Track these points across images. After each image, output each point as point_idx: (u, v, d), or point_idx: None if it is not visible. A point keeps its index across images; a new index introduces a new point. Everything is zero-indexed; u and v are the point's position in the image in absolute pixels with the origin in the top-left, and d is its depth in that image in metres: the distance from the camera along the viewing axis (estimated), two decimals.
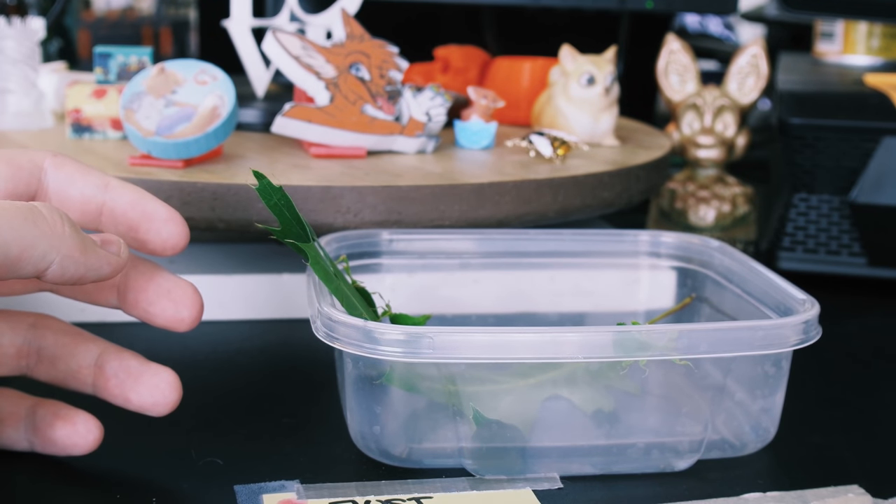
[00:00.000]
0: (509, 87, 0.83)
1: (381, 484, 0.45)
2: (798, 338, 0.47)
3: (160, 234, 0.45)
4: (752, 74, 0.87)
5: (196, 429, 0.51)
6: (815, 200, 0.77)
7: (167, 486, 0.45)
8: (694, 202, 0.86)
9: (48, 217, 0.38)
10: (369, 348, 0.44)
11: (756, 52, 0.87)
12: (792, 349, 0.47)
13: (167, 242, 0.46)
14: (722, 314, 0.57)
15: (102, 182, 0.45)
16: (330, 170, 0.64)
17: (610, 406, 0.48)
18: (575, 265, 0.62)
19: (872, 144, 0.75)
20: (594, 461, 0.48)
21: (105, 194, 0.45)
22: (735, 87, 0.88)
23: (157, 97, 0.64)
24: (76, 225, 0.40)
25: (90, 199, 0.45)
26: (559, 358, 0.45)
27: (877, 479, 0.48)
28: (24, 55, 0.73)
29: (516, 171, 0.66)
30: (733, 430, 0.50)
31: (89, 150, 0.67)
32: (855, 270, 0.76)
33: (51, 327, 0.47)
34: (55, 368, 0.46)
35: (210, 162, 0.65)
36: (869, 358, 0.65)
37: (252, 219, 0.60)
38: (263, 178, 0.47)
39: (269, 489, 0.44)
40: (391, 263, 0.59)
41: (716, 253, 0.59)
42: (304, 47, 0.68)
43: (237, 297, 0.66)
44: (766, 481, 0.47)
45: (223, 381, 0.56)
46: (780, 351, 0.47)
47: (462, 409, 0.46)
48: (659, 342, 0.45)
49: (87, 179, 0.45)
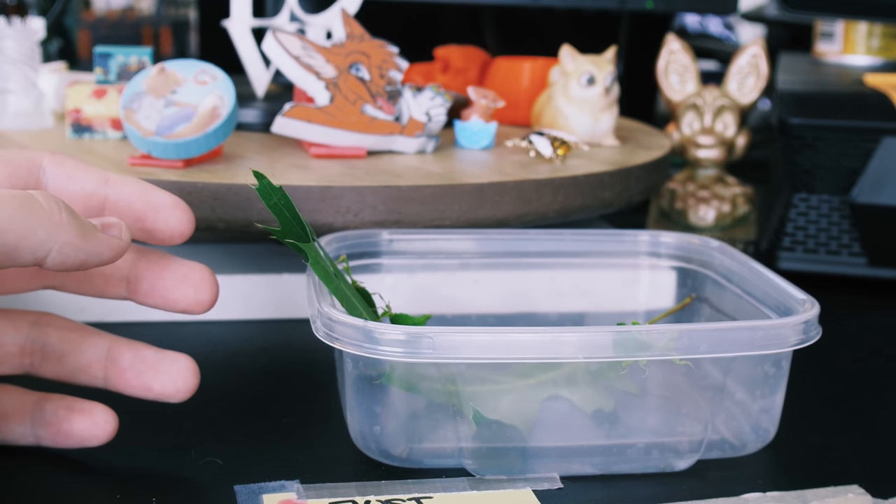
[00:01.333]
0: (509, 87, 0.83)
1: (381, 484, 0.45)
2: (798, 338, 0.47)
3: (168, 222, 0.46)
4: (752, 74, 0.87)
5: (196, 429, 0.51)
6: (815, 200, 0.77)
7: (167, 486, 0.45)
8: (694, 202, 0.86)
9: (45, 205, 0.39)
10: (369, 348, 0.44)
11: (756, 52, 0.87)
12: (792, 349, 0.47)
13: (175, 230, 0.46)
14: (722, 314, 0.57)
15: (102, 177, 0.45)
16: (330, 170, 0.64)
17: (610, 406, 0.48)
18: (575, 265, 0.62)
19: (872, 144, 0.75)
20: (594, 461, 0.48)
21: (107, 188, 0.45)
22: (735, 87, 0.88)
23: (157, 97, 0.64)
24: (75, 211, 0.40)
25: (92, 194, 0.45)
26: (559, 358, 0.45)
27: (877, 479, 0.48)
28: (24, 55, 0.73)
29: (516, 171, 0.66)
30: (733, 430, 0.50)
31: (89, 150, 0.67)
32: (855, 270, 0.76)
33: (54, 324, 0.47)
34: (62, 365, 0.46)
35: (210, 162, 0.65)
36: (869, 358, 0.65)
37: (252, 219, 0.60)
38: (263, 178, 0.47)
39: (269, 489, 0.44)
40: (391, 263, 0.59)
41: (716, 253, 0.59)
42: (304, 47, 0.68)
43: (237, 297, 0.66)
44: (765, 481, 0.47)
45: (223, 382, 0.56)
46: (780, 351, 0.47)
47: (462, 409, 0.46)
48: (659, 342, 0.45)
49: (86, 175, 0.45)
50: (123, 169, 0.62)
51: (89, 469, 0.47)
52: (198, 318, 0.64)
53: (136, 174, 0.60)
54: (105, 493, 0.44)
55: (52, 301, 0.63)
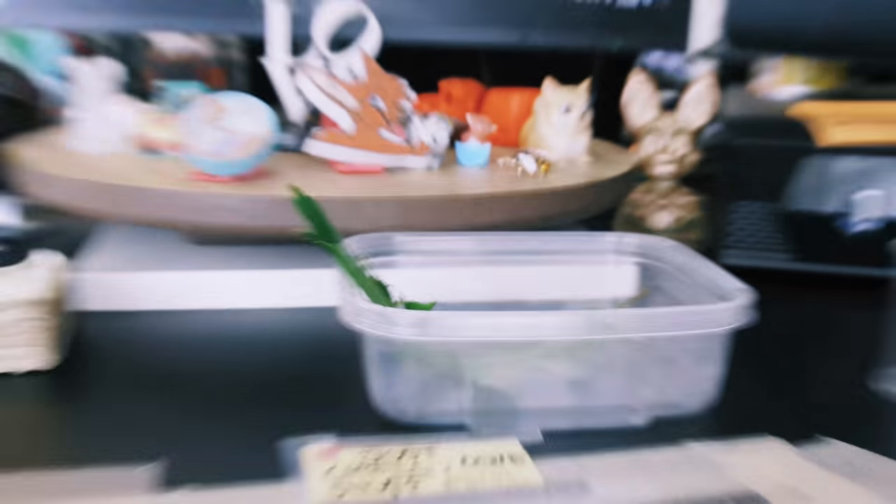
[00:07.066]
0: (501, 115, 0.84)
1: (397, 437, 0.46)
2: (736, 320, 0.48)
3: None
4: (702, 103, 0.87)
5: (250, 396, 0.51)
6: (752, 207, 0.78)
7: (226, 444, 0.46)
8: (653, 209, 0.86)
9: None
10: (387, 329, 0.45)
11: (706, 85, 0.87)
12: (731, 328, 0.48)
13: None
14: (674, 300, 0.57)
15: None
16: (353, 184, 0.65)
17: (582, 375, 0.49)
18: (555, 261, 0.62)
19: (798, 162, 0.75)
20: (569, 419, 0.49)
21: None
22: (688, 114, 0.87)
23: (209, 124, 0.64)
24: None
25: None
26: (541, 337, 0.46)
27: (795, 432, 0.49)
28: (101, 90, 0.74)
29: (507, 185, 0.66)
30: (682, 393, 0.51)
31: (153, 169, 0.67)
32: (783, 265, 0.76)
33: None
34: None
35: (254, 178, 0.65)
36: (793, 336, 0.65)
37: (290, 224, 0.59)
38: (299, 191, 0.48)
39: (309, 442, 0.45)
40: (404, 261, 0.59)
41: (670, 251, 0.59)
42: (331, 82, 0.68)
43: (278, 288, 0.66)
44: (707, 435, 0.48)
45: (269, 358, 0.57)
46: (721, 330, 0.48)
47: (462, 378, 0.47)
48: (623, 324, 0.46)
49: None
50: (181, 183, 0.62)
51: (165, 427, 0.47)
52: (247, 306, 0.65)
53: (193, 188, 0.61)
54: (174, 448, 0.45)
55: (114, 287, 0.64)
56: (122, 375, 0.54)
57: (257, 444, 0.45)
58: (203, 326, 0.61)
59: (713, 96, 0.87)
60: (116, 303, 0.64)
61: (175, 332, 0.61)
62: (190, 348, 0.58)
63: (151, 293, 0.64)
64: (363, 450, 0.44)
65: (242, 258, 0.69)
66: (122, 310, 0.64)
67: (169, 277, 0.65)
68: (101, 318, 0.63)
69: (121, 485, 0.41)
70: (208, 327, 0.61)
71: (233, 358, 0.57)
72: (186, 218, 0.61)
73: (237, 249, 0.70)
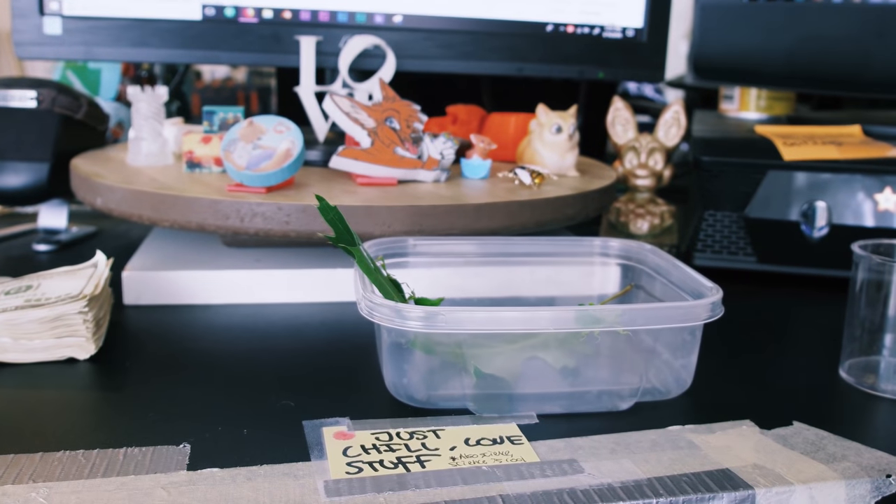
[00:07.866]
0: (500, 135, 0.83)
1: (407, 420, 0.45)
2: (708, 314, 0.47)
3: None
4: (674, 125, 0.87)
5: (275, 381, 0.50)
6: (720, 215, 0.77)
7: (254, 423, 0.45)
8: (633, 217, 0.86)
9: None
10: (399, 322, 0.44)
11: (677, 109, 0.87)
12: (703, 322, 0.47)
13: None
14: (653, 297, 0.57)
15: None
16: (370, 194, 0.64)
17: (573, 363, 0.48)
18: (548, 262, 0.62)
19: (760, 175, 0.74)
20: (561, 403, 0.48)
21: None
22: (663, 134, 0.87)
23: (247, 142, 0.64)
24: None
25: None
26: (536, 329, 0.45)
27: (763, 416, 0.48)
28: (153, 113, 0.73)
29: (505, 195, 0.65)
30: (661, 381, 0.50)
31: (198, 181, 0.67)
32: (748, 266, 0.75)
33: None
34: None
35: (285, 189, 0.64)
36: (759, 329, 0.64)
37: (315, 229, 0.60)
38: (323, 200, 0.47)
39: (328, 424, 0.44)
40: (415, 261, 0.59)
41: (648, 254, 0.58)
42: (353, 106, 0.68)
43: (304, 285, 0.65)
44: (684, 418, 0.47)
45: (294, 347, 0.56)
46: (695, 324, 0.47)
47: (466, 367, 0.46)
48: (608, 318, 0.45)
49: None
50: (223, 193, 0.62)
51: (195, 405, 0.46)
52: (276, 300, 0.64)
53: (233, 197, 0.60)
54: (207, 428, 0.44)
55: (156, 284, 0.63)
56: (162, 363, 0.52)
57: (281, 425, 0.44)
58: (235, 320, 0.61)
59: (684, 119, 0.87)
60: (159, 298, 0.63)
61: (209, 324, 0.60)
62: (223, 339, 0.57)
63: (190, 289, 0.64)
64: (375, 431, 0.44)
65: (272, 259, 0.68)
66: (164, 304, 0.63)
67: (206, 276, 0.64)
68: (145, 311, 0.62)
69: (158, 462, 0.40)
70: (240, 320, 0.60)
71: (261, 346, 0.56)
72: (226, 223, 0.60)
73: (268, 251, 0.70)
